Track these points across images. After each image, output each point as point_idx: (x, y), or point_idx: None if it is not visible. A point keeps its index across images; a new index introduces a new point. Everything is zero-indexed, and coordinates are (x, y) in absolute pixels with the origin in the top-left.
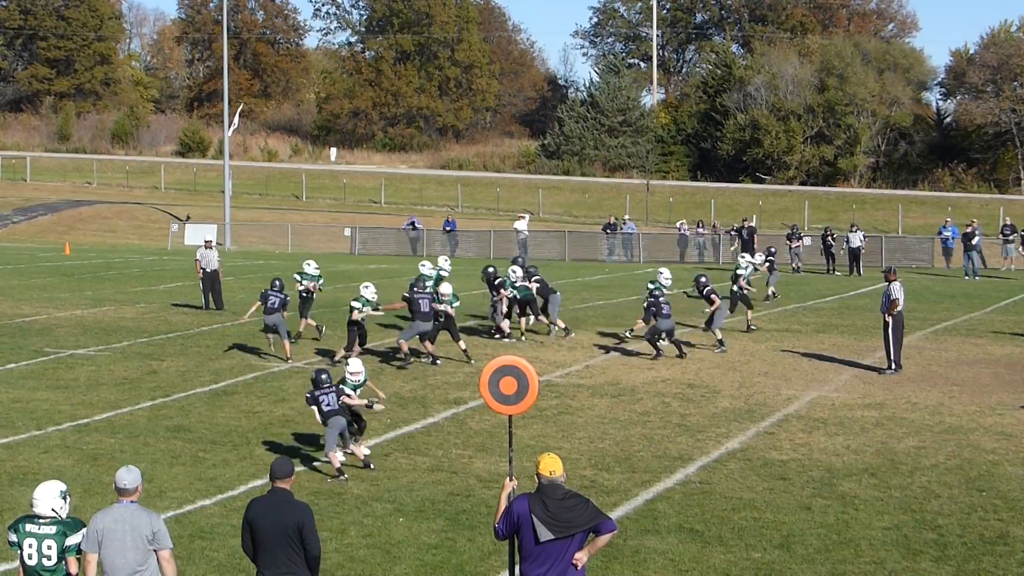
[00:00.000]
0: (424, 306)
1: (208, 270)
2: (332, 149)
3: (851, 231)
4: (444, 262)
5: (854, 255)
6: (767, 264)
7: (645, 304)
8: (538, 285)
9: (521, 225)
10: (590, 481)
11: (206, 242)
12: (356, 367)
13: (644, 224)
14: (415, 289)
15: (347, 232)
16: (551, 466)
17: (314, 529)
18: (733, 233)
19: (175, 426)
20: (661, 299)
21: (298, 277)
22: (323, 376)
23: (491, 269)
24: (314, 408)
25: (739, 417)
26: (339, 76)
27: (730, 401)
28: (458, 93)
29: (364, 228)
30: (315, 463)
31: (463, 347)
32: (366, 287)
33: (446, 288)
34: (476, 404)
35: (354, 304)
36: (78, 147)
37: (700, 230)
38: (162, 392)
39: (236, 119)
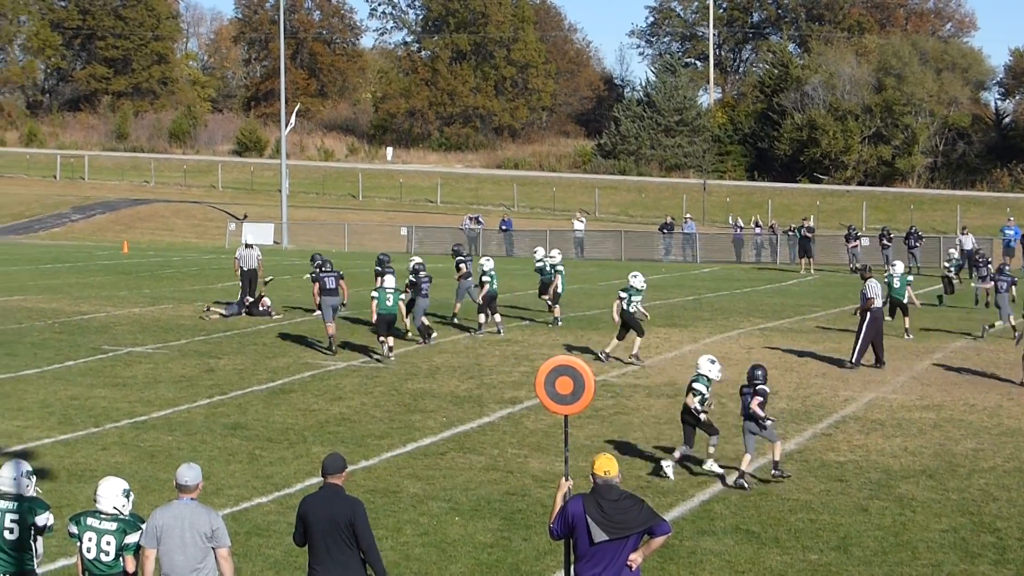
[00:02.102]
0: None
1: (246, 268)
2: (388, 148)
3: (962, 234)
4: (487, 262)
5: (970, 259)
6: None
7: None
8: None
9: (579, 224)
10: (646, 482)
11: (246, 244)
12: None
13: (701, 224)
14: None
15: (403, 231)
16: (606, 466)
17: (366, 523)
18: (791, 233)
19: (232, 424)
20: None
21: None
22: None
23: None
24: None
25: (796, 418)
26: (395, 76)
27: (787, 402)
28: (514, 92)
29: (420, 227)
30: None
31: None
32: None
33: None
34: (532, 404)
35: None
36: (136, 146)
37: (757, 230)
38: (219, 390)
39: (293, 118)
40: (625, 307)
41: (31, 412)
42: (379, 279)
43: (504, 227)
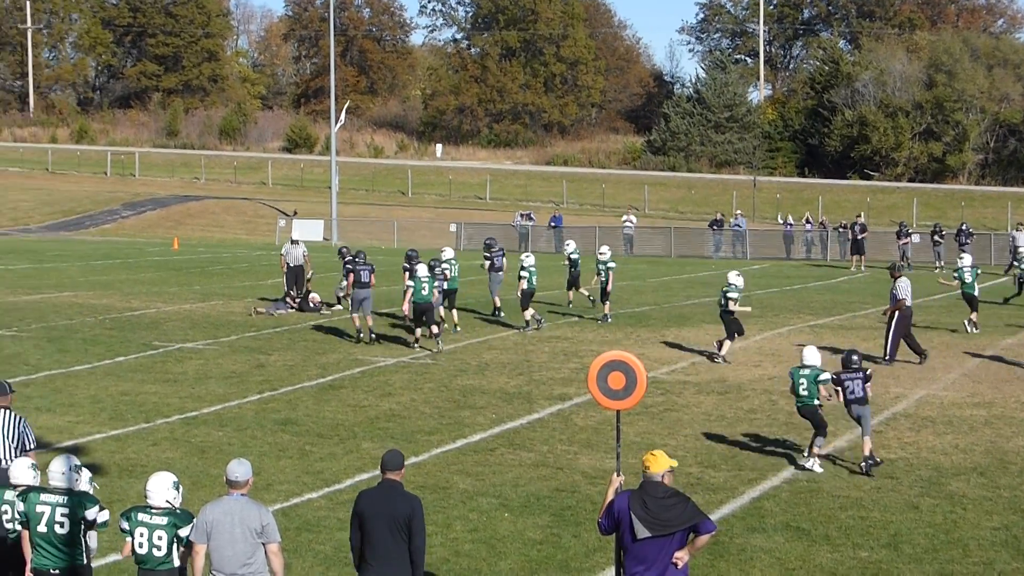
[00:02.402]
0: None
1: (292, 265)
2: (438, 145)
3: (1016, 230)
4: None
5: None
6: None
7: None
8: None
9: (628, 220)
10: (696, 478)
11: (292, 240)
12: None
13: (751, 220)
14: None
15: (452, 228)
16: (652, 463)
17: (422, 522)
18: (842, 230)
19: (282, 419)
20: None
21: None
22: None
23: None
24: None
25: (847, 415)
26: (445, 73)
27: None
28: (563, 89)
29: (470, 224)
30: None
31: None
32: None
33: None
34: (581, 400)
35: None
36: (186, 143)
37: (808, 226)
38: (269, 386)
39: (343, 115)
40: (723, 305)
41: (82, 408)
42: (406, 273)
43: (553, 224)
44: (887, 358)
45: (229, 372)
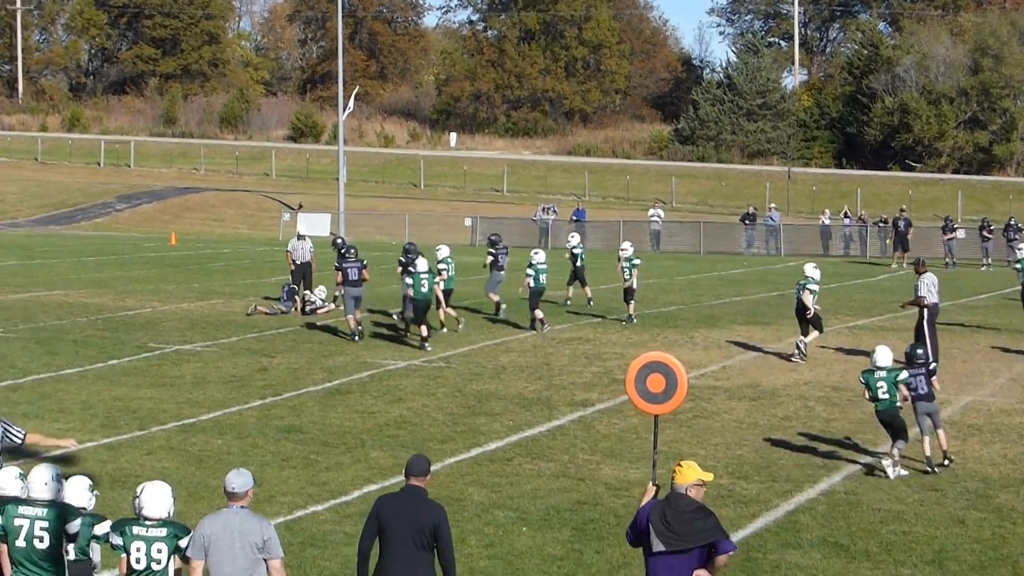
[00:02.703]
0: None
1: (299, 262)
2: (452, 134)
3: None
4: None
5: None
6: None
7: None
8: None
9: (655, 215)
10: (727, 491)
11: (298, 235)
12: None
13: (785, 214)
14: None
15: (468, 222)
16: (678, 474)
17: (449, 530)
18: (882, 224)
19: (286, 427)
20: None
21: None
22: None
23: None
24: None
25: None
26: (459, 57)
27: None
28: (586, 75)
29: (486, 217)
30: None
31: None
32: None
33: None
34: (604, 407)
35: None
36: (184, 131)
37: (846, 221)
38: (272, 391)
39: (351, 102)
40: (799, 300)
41: (72, 414)
42: (401, 268)
43: (576, 217)
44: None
45: (229, 376)
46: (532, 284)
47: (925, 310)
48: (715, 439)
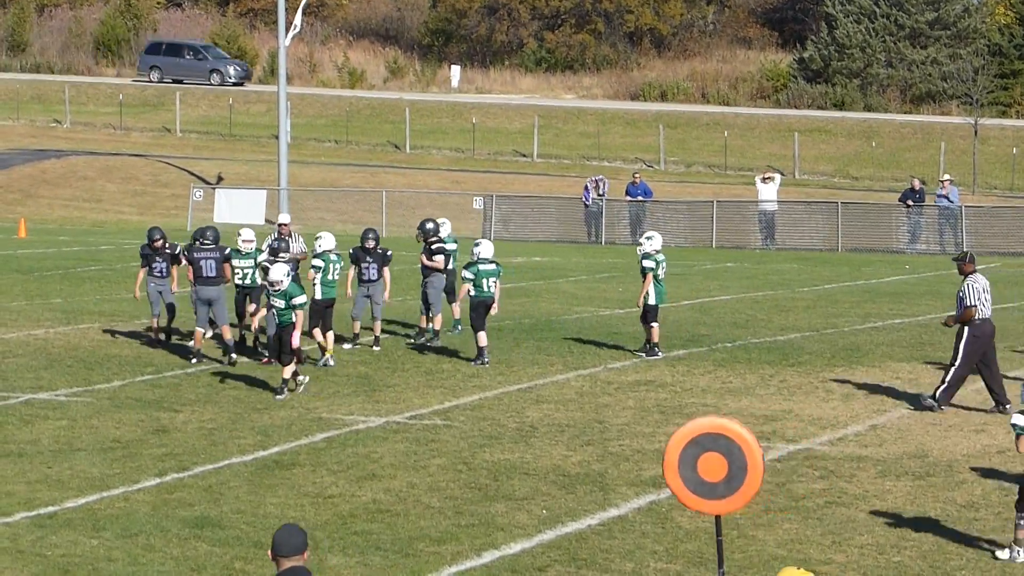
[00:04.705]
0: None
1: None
2: (453, 68)
3: None
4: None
5: None
6: None
7: None
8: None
9: (767, 191)
10: None
11: (280, 226)
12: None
13: (968, 191)
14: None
15: (478, 204)
16: None
17: None
18: None
19: (197, 518)
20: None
21: None
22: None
23: (430, 225)
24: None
25: None
26: None
27: None
28: None
29: (504, 197)
30: None
31: None
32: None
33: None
34: None
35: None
36: (40, 63)
37: None
38: (177, 463)
39: (298, 19)
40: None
41: None
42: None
43: (636, 194)
44: (1000, 405)
45: (110, 441)
46: (473, 293)
47: (967, 326)
48: (860, 537)
